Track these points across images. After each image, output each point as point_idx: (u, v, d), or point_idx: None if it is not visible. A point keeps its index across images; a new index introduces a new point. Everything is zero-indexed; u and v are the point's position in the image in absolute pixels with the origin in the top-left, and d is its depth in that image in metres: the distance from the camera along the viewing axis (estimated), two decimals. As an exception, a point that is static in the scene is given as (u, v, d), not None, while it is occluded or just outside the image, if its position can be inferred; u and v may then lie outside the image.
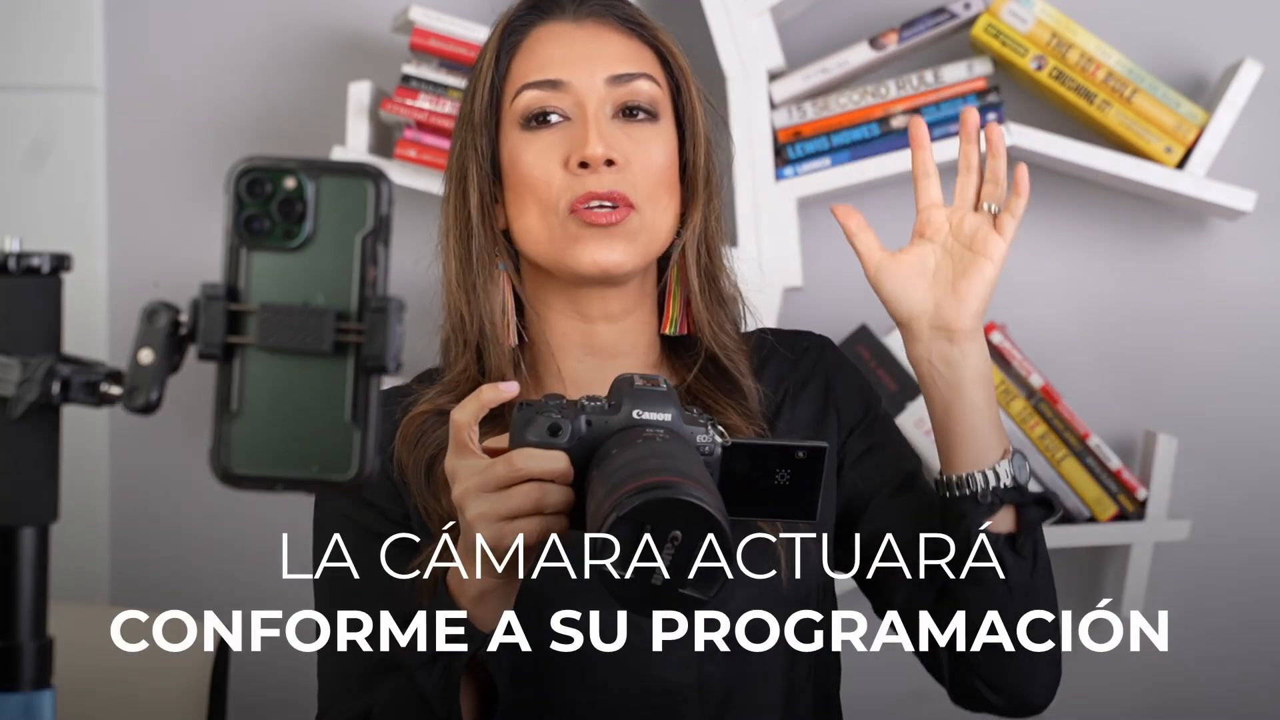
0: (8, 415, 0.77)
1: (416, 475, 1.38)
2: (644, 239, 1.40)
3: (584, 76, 1.41)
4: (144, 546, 2.36)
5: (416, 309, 1.09)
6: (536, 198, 1.39)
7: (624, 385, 1.20)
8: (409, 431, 1.40)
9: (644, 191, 1.40)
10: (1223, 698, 2.33)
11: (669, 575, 1.05)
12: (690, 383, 1.44)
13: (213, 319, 0.75)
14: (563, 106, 1.41)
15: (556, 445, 1.16)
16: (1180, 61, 2.29)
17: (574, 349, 1.44)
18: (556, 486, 1.16)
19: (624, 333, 1.45)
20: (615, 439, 1.16)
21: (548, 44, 1.44)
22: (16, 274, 0.78)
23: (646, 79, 1.43)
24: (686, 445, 1.16)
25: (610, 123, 1.41)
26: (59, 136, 2.33)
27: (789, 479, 1.20)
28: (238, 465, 0.76)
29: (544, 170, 1.39)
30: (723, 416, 1.41)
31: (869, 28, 2.25)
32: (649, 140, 1.42)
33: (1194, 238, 2.31)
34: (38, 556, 0.79)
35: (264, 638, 2.32)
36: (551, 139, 1.40)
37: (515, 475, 1.15)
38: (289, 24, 2.34)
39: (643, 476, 1.06)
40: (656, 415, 1.18)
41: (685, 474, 1.07)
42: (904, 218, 2.32)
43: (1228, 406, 2.31)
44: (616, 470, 1.09)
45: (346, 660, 1.38)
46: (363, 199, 0.76)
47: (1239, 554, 2.32)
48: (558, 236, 1.39)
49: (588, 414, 1.18)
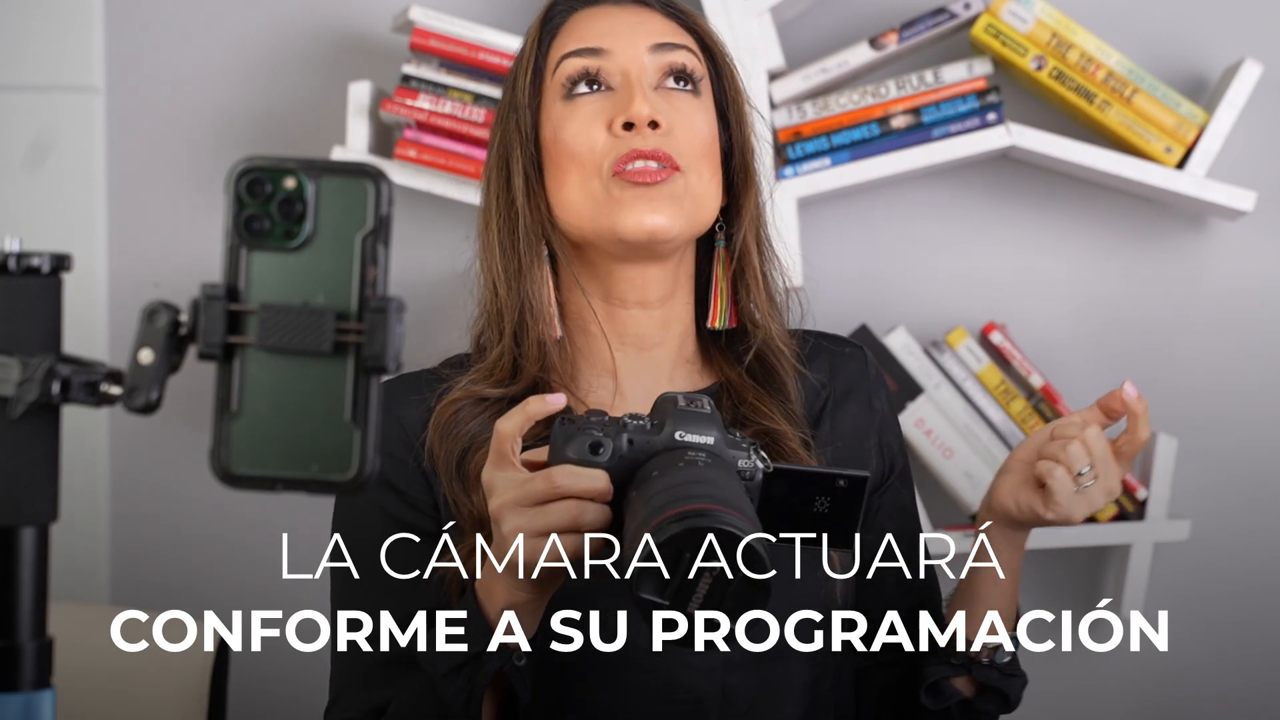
0: (8, 415, 0.77)
1: (448, 466, 1.37)
2: (689, 204, 1.38)
3: (627, 45, 1.40)
4: (144, 546, 2.36)
5: (416, 309, 1.09)
6: (578, 164, 1.38)
7: (667, 405, 1.18)
8: (442, 420, 1.38)
9: (689, 157, 1.38)
10: (1223, 698, 2.33)
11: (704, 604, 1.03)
12: (734, 379, 1.43)
13: (213, 319, 0.75)
14: (606, 74, 1.40)
15: (597, 463, 1.15)
16: (1180, 61, 2.29)
17: (611, 338, 1.43)
18: (595, 505, 1.14)
19: (660, 322, 1.43)
20: (657, 460, 1.15)
21: (590, 21, 1.43)
22: (16, 274, 0.78)
23: (687, 51, 1.42)
24: (728, 470, 1.14)
25: (654, 91, 1.40)
26: (59, 136, 2.33)
27: (828, 506, 1.19)
28: (238, 465, 0.76)
29: (587, 136, 1.38)
30: (768, 420, 1.40)
31: (869, 28, 2.25)
32: (692, 110, 1.41)
33: (1194, 238, 2.31)
34: (38, 556, 0.79)
35: (264, 637, 2.32)
36: (595, 106, 1.39)
37: (554, 492, 1.14)
38: (289, 24, 2.34)
39: (683, 503, 1.05)
40: (699, 438, 1.16)
41: (726, 501, 1.05)
42: (903, 218, 2.33)
43: (1228, 406, 2.31)
44: (657, 494, 1.08)
45: (361, 651, 1.37)
46: (363, 199, 0.76)
47: (1239, 554, 2.32)
48: (600, 201, 1.37)
49: (630, 432, 1.17)
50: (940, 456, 2.20)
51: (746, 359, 1.42)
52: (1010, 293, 2.32)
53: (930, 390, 2.22)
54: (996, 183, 2.32)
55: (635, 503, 1.12)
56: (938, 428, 2.20)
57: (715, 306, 1.44)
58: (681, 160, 1.37)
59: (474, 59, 2.18)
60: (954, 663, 1.39)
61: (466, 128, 2.17)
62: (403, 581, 1.36)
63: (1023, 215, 2.33)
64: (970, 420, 2.22)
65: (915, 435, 2.19)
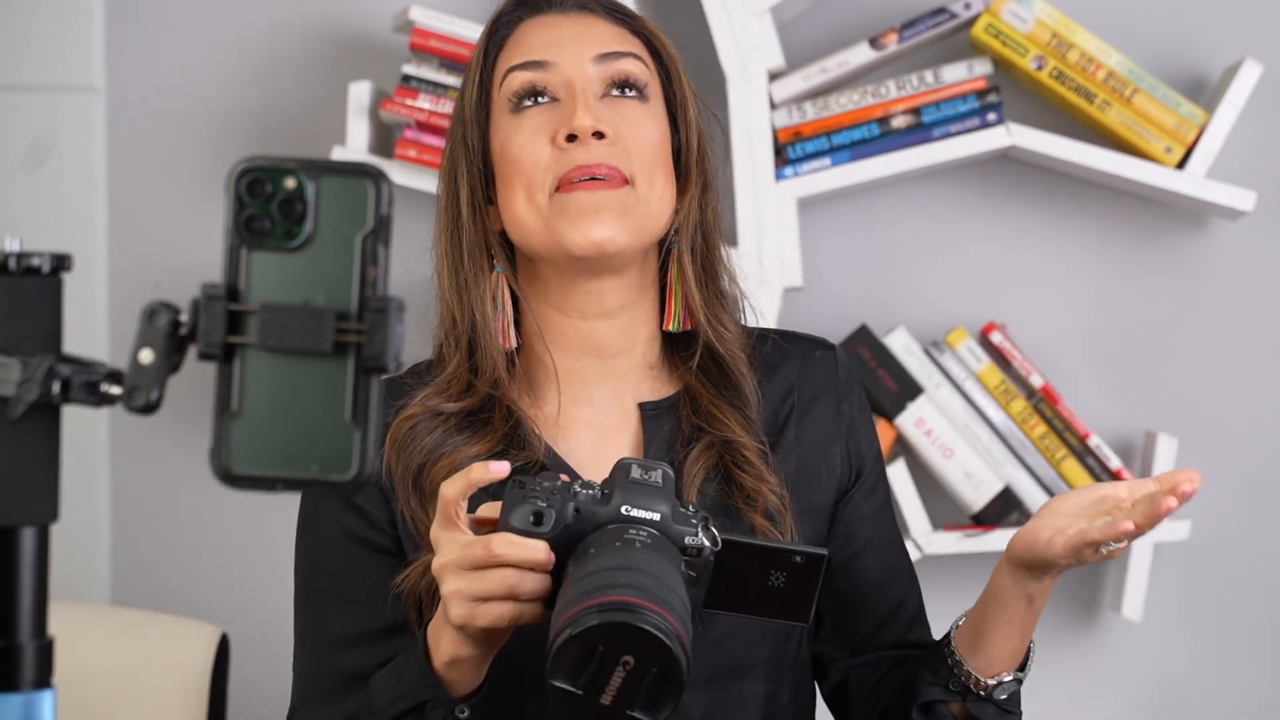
0: (8, 415, 0.77)
1: (404, 481, 1.36)
2: (637, 215, 1.36)
3: (571, 56, 1.39)
4: (144, 546, 2.36)
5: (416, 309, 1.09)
6: (524, 179, 1.37)
7: (620, 474, 1.18)
8: (399, 435, 1.38)
9: (638, 166, 1.37)
10: (1223, 698, 2.33)
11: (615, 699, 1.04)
12: (691, 383, 1.42)
13: (213, 319, 0.75)
14: (551, 86, 1.39)
15: (539, 534, 1.15)
16: (1180, 61, 2.29)
17: (571, 348, 1.41)
18: (534, 574, 1.15)
19: (622, 330, 1.41)
20: (596, 536, 1.15)
21: (535, 32, 1.42)
22: (16, 274, 0.78)
23: (634, 58, 1.41)
24: (665, 555, 1.14)
25: (599, 101, 1.38)
26: (59, 136, 2.33)
27: (784, 581, 1.19)
28: (238, 465, 0.76)
29: (532, 151, 1.37)
30: (724, 429, 1.39)
31: (869, 28, 2.25)
32: (640, 117, 1.39)
33: (1194, 238, 2.31)
34: (38, 556, 0.79)
35: (264, 637, 2.32)
36: (540, 119, 1.38)
37: (492, 559, 1.15)
38: (289, 24, 2.34)
39: (606, 592, 1.05)
40: (645, 513, 1.16)
41: (651, 593, 1.05)
42: (903, 218, 2.33)
43: (1228, 406, 2.31)
44: (587, 576, 1.08)
45: (320, 664, 1.39)
46: (363, 199, 0.76)
47: (1239, 554, 2.32)
48: (547, 217, 1.36)
49: (577, 502, 1.17)
50: (940, 456, 2.20)
51: (693, 362, 1.41)
52: (1010, 293, 2.32)
53: (930, 390, 2.22)
54: (996, 183, 2.32)
55: (569, 579, 1.12)
56: (938, 428, 2.20)
57: (669, 308, 1.42)
58: (630, 170, 1.36)
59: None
60: (951, 688, 1.38)
61: (466, 128, 2.17)
62: (359, 598, 1.37)
63: (1023, 215, 2.33)
64: (970, 420, 2.22)
65: (915, 435, 2.19)
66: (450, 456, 1.36)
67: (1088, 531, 1.27)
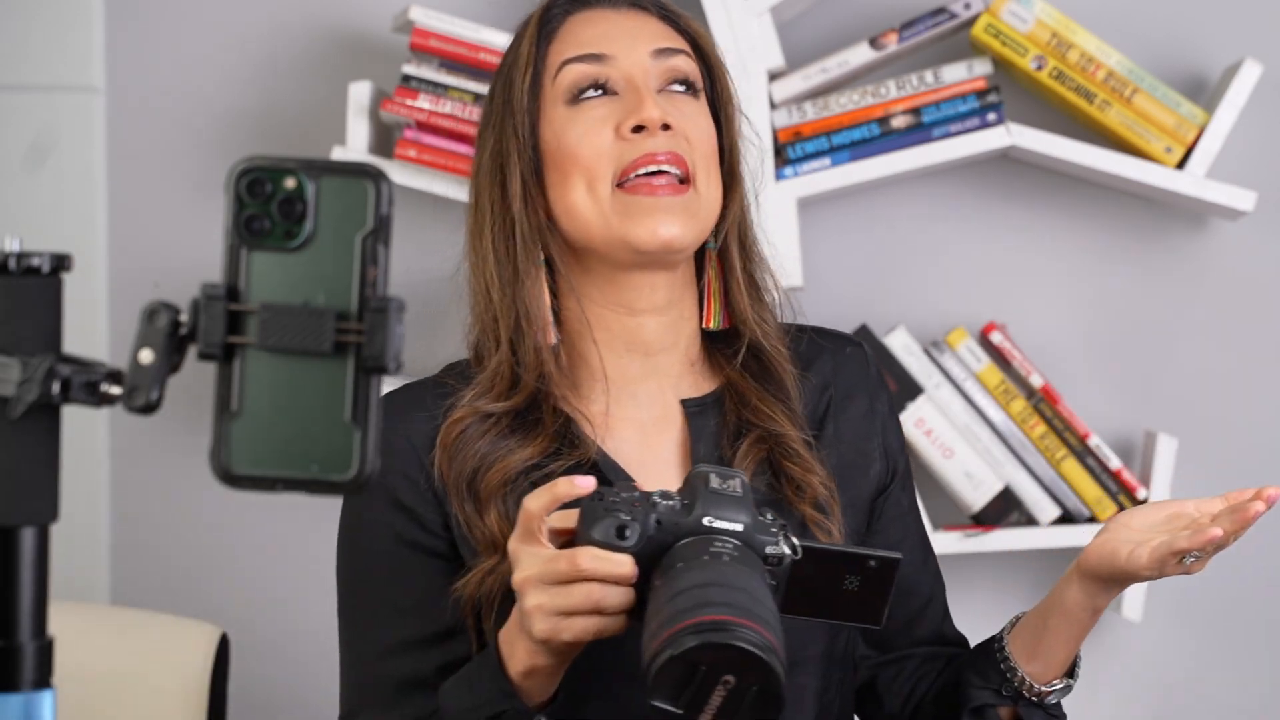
0: (8, 415, 0.77)
1: (458, 486, 1.35)
2: (700, 217, 1.37)
3: (629, 51, 1.39)
4: (144, 546, 2.36)
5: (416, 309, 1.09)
6: (584, 171, 1.36)
7: (699, 483, 1.18)
8: (449, 440, 1.36)
9: (699, 159, 1.37)
10: (1222, 698, 2.33)
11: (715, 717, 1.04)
12: (736, 380, 1.41)
13: (213, 319, 0.75)
14: (610, 80, 1.38)
15: (622, 548, 1.15)
16: (1180, 61, 2.29)
17: (616, 344, 1.40)
18: (618, 588, 1.15)
19: (668, 327, 1.41)
20: (683, 549, 1.14)
21: (587, 26, 1.41)
22: (16, 274, 0.78)
23: (685, 55, 1.41)
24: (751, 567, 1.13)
25: (659, 94, 1.38)
26: (59, 136, 2.33)
27: (858, 585, 1.19)
28: (238, 465, 0.76)
29: (593, 143, 1.36)
30: (771, 422, 1.39)
31: (869, 28, 2.25)
32: (695, 112, 1.40)
33: (1194, 238, 2.31)
34: (38, 556, 0.79)
35: (264, 637, 2.32)
36: (601, 111, 1.37)
37: (577, 574, 1.15)
38: (289, 24, 2.34)
39: (702, 611, 1.04)
40: (728, 524, 1.16)
41: (746, 609, 1.05)
42: (903, 217, 2.33)
43: (1228, 406, 2.31)
44: (680, 594, 1.08)
45: (373, 672, 1.37)
46: (363, 199, 0.76)
47: (1239, 554, 2.31)
48: (610, 210, 1.35)
49: (658, 513, 1.16)
50: (940, 456, 2.20)
51: (738, 359, 1.41)
52: (1010, 293, 2.32)
53: (930, 390, 2.22)
54: (996, 183, 2.32)
55: (659, 593, 1.11)
56: (938, 428, 2.20)
57: (709, 307, 1.43)
58: (692, 162, 1.36)
59: (474, 59, 2.18)
60: (1004, 693, 1.39)
61: (466, 128, 2.17)
62: (411, 604, 1.36)
63: (1023, 215, 2.33)
64: (970, 420, 2.22)
65: (915, 435, 2.19)
66: (503, 461, 1.35)
67: (1174, 541, 1.29)
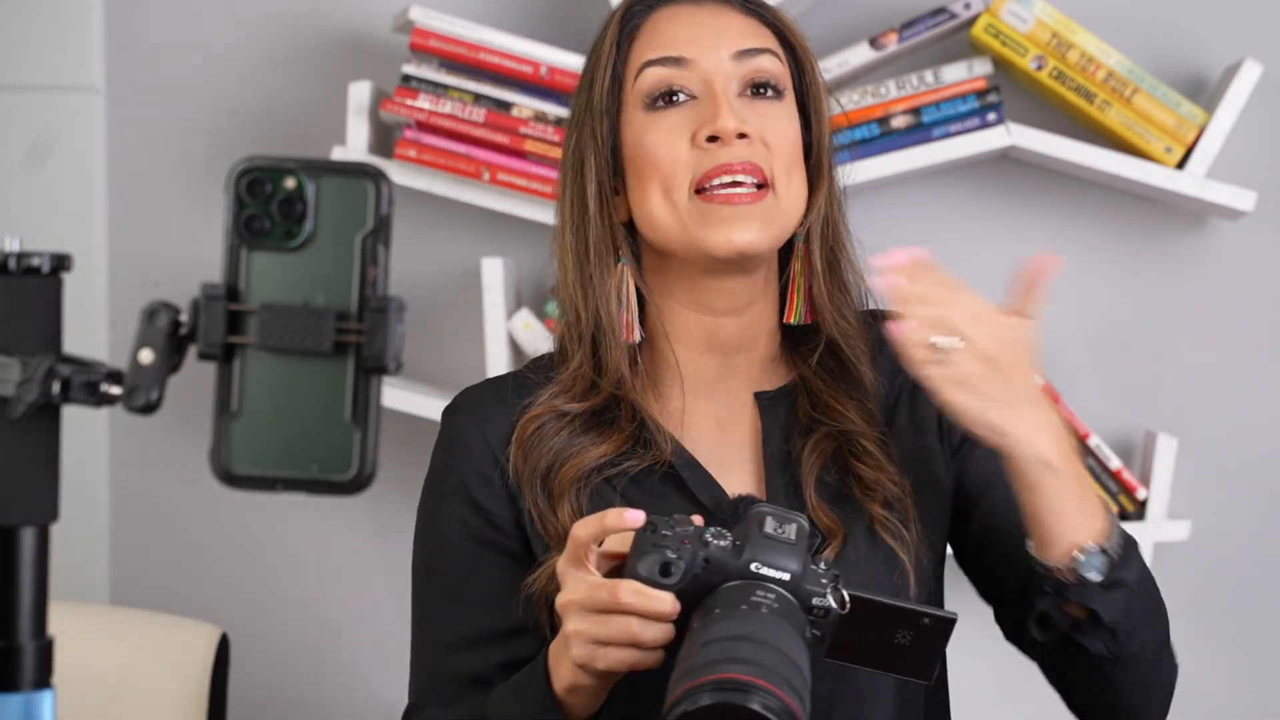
0: (8, 415, 0.77)
1: (532, 483, 1.36)
2: (779, 222, 1.36)
3: (709, 53, 1.37)
4: (144, 546, 2.36)
5: (417, 309, 1.09)
6: (662, 177, 1.35)
7: (753, 525, 1.17)
8: (525, 436, 1.37)
9: (778, 166, 1.36)
10: (1223, 697, 2.33)
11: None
12: (809, 376, 1.40)
13: (213, 319, 0.75)
14: (689, 84, 1.37)
15: (666, 585, 1.15)
16: (1180, 61, 2.29)
17: (695, 344, 1.40)
18: (657, 624, 1.15)
19: (746, 326, 1.40)
20: (725, 593, 1.14)
21: (670, 25, 1.40)
22: (16, 274, 0.78)
23: (770, 55, 1.39)
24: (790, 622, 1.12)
25: (738, 100, 1.37)
26: (59, 136, 2.33)
27: (910, 640, 1.18)
28: (238, 465, 0.76)
29: (670, 149, 1.35)
30: (842, 419, 1.37)
31: (869, 28, 2.25)
32: (777, 116, 1.38)
33: (1194, 238, 2.31)
34: (38, 556, 0.79)
35: (264, 637, 2.32)
36: (679, 117, 1.36)
37: (617, 606, 1.15)
38: (289, 24, 2.34)
39: (724, 668, 1.04)
40: (776, 572, 1.15)
41: (770, 670, 1.04)
42: (903, 218, 2.33)
43: (1228, 406, 2.31)
44: (709, 644, 1.07)
45: (439, 665, 1.38)
46: (363, 199, 0.76)
47: (1239, 554, 2.32)
48: (687, 217, 1.34)
49: (708, 552, 1.15)
50: (940, 456, 2.21)
51: (814, 356, 1.40)
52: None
53: (930, 390, 2.22)
54: (996, 183, 2.32)
55: (692, 636, 1.11)
56: (938, 428, 2.20)
57: (792, 302, 1.41)
58: (770, 170, 1.35)
59: (474, 59, 2.18)
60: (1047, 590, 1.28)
61: (466, 128, 2.17)
62: (480, 599, 1.37)
63: (1023, 215, 2.32)
64: (970, 420, 2.22)
65: (915, 435, 2.19)
66: (577, 457, 1.35)
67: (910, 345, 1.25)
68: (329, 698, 2.38)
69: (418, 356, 2.21)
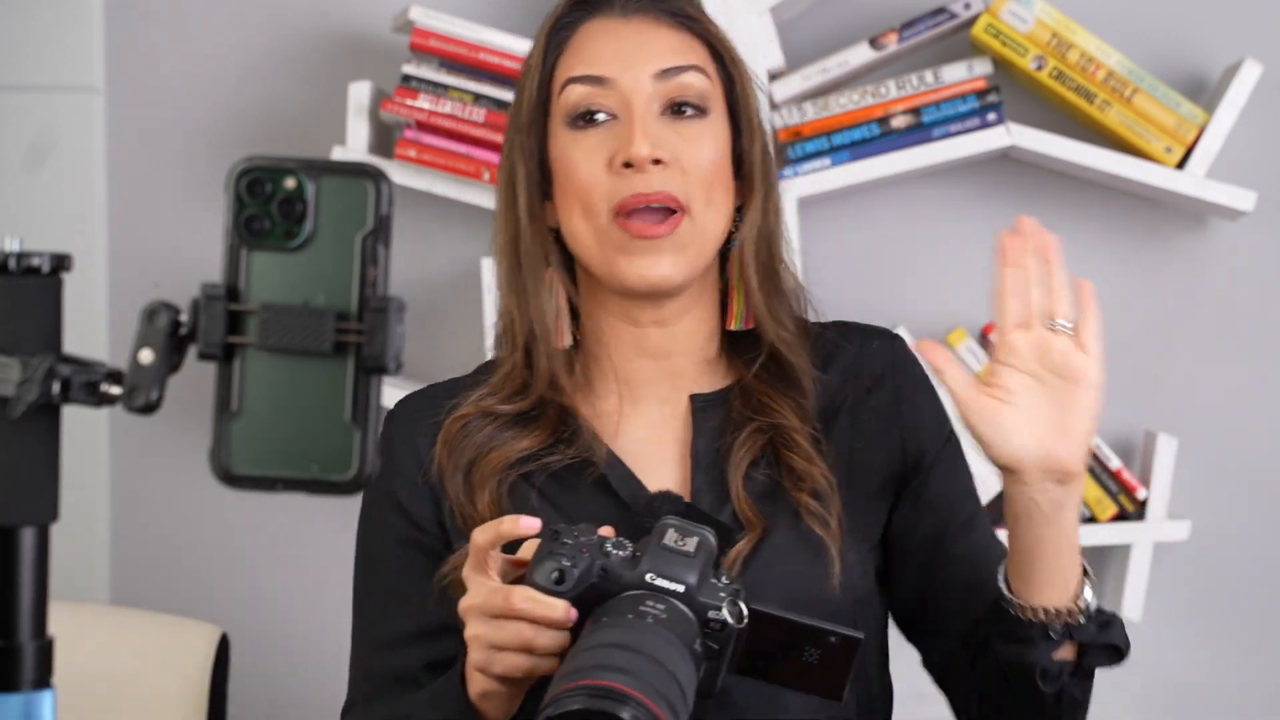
0: (8, 415, 0.77)
1: (454, 477, 1.37)
2: (694, 247, 1.36)
3: (630, 73, 1.37)
4: (144, 546, 2.36)
5: (417, 309, 1.09)
6: (581, 200, 1.35)
7: (655, 537, 1.18)
8: (450, 434, 1.38)
9: (694, 190, 1.35)
10: (1222, 697, 2.33)
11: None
12: (748, 379, 1.40)
13: (213, 319, 0.75)
14: (609, 104, 1.36)
15: (559, 592, 1.16)
16: (1180, 61, 2.29)
17: (627, 350, 1.41)
18: (550, 631, 1.16)
19: (679, 334, 1.41)
20: (614, 603, 1.15)
21: (595, 40, 1.40)
22: (16, 274, 0.78)
23: (695, 71, 1.38)
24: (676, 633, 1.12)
25: (658, 120, 1.36)
26: (59, 136, 2.33)
27: (817, 659, 1.18)
28: (238, 465, 0.76)
29: (589, 172, 1.35)
30: (778, 415, 1.38)
31: (869, 28, 2.25)
32: (698, 137, 1.37)
33: (1194, 238, 2.31)
34: (38, 556, 0.79)
35: (264, 637, 2.32)
36: (597, 139, 1.36)
37: (510, 611, 1.16)
38: (289, 24, 2.34)
39: (596, 674, 1.05)
40: (670, 584, 1.15)
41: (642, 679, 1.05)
42: (903, 218, 2.33)
43: (1228, 406, 2.31)
44: (585, 651, 1.09)
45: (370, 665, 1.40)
46: (363, 199, 0.76)
47: (1239, 554, 2.32)
48: (603, 244, 1.35)
49: (606, 562, 1.17)
50: (940, 456, 2.20)
51: (755, 365, 1.40)
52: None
53: (930, 390, 2.22)
54: (996, 183, 2.32)
55: (575, 646, 1.12)
56: (938, 428, 2.20)
57: (732, 309, 1.42)
58: (687, 197, 1.35)
59: (474, 59, 2.18)
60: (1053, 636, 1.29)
61: (466, 128, 2.17)
62: (407, 600, 1.38)
63: (1023, 215, 2.32)
64: (970, 420, 2.21)
65: (915, 435, 2.19)
66: (500, 450, 1.37)
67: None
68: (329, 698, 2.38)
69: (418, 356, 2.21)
